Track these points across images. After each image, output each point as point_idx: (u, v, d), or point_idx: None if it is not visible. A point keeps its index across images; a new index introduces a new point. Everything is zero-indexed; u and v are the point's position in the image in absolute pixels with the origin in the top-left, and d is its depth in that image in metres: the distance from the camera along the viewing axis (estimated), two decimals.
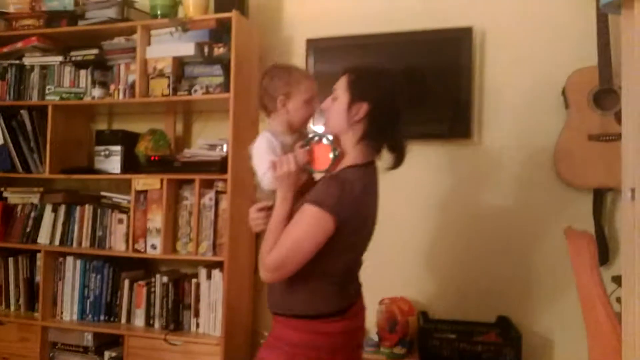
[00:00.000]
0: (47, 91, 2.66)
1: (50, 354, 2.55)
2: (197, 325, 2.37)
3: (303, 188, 1.44)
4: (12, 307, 2.68)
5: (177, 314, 2.40)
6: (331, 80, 1.48)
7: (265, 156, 1.42)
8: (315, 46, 2.51)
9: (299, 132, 1.51)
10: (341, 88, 1.43)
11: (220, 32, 2.43)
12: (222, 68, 2.39)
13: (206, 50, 2.42)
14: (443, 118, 2.35)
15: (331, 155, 1.41)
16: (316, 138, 1.44)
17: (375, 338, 2.22)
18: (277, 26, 2.64)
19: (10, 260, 2.70)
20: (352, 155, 1.42)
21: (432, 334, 2.11)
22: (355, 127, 1.41)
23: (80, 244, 2.56)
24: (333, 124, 1.44)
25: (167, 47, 2.46)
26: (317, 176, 1.49)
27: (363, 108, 1.39)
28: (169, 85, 2.42)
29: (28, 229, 2.66)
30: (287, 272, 1.36)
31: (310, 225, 1.33)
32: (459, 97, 2.30)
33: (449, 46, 2.32)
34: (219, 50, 2.40)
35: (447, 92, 2.33)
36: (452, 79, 2.31)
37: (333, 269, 1.41)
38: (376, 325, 2.24)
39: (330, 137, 1.43)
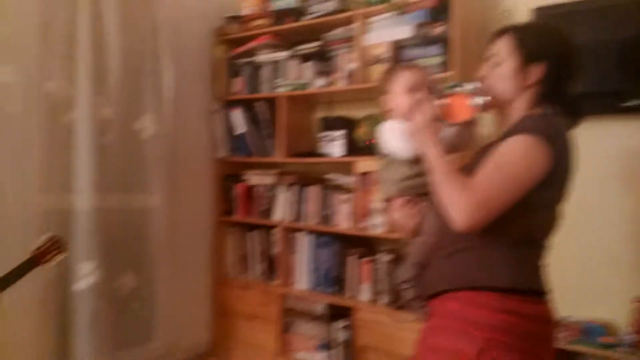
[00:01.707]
0: (276, 84, 2.96)
1: (287, 319, 2.87)
2: None
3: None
4: (254, 275, 3.07)
5: (398, 292, 2.50)
6: None
7: (395, 131, 1.41)
8: (542, 15, 2.31)
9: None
10: (504, 51, 1.30)
11: (438, 11, 2.39)
12: (440, 47, 2.36)
13: (423, 31, 2.41)
14: None
15: (471, 103, 1.30)
16: (456, 88, 1.33)
17: (629, 339, 1.97)
18: None
19: (251, 234, 3.10)
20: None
21: None
22: (527, 91, 1.28)
23: (310, 221, 2.82)
24: (498, 92, 1.31)
25: (384, 33, 2.53)
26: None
27: (538, 70, 1.26)
28: None
29: (265, 207, 3.02)
30: (491, 212, 1.17)
31: (522, 152, 1.18)
32: None
33: None
34: (436, 30, 2.37)
35: None
36: None
37: (539, 231, 1.27)
38: (630, 324, 1.98)
39: (470, 86, 1.31)
